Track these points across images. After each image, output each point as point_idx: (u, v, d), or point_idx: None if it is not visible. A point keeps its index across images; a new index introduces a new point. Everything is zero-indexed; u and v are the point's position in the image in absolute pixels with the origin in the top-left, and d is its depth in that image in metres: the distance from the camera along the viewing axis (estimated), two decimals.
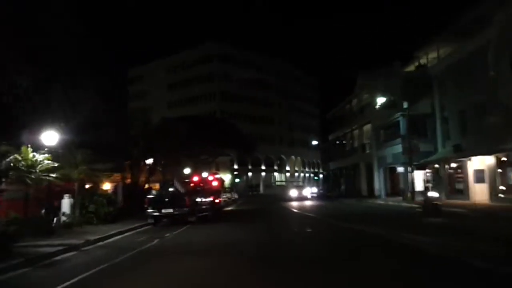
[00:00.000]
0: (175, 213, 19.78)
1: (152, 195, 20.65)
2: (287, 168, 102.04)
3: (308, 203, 42.39)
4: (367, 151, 51.02)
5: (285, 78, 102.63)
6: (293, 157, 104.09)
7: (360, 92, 51.90)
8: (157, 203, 19.93)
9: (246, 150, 61.93)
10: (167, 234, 15.95)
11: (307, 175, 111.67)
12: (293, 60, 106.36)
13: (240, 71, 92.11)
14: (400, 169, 41.55)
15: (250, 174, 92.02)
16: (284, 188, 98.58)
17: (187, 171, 48.18)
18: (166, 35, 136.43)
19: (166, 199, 19.99)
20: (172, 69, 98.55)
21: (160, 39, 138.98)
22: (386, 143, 43.03)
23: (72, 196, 18.99)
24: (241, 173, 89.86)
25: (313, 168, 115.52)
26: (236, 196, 47.67)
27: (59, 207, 18.14)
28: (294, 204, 40.51)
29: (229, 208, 36.46)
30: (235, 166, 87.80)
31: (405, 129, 37.62)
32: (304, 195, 51.61)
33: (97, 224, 19.09)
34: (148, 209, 19.89)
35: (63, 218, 17.98)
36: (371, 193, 48.52)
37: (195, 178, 29.99)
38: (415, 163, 35.91)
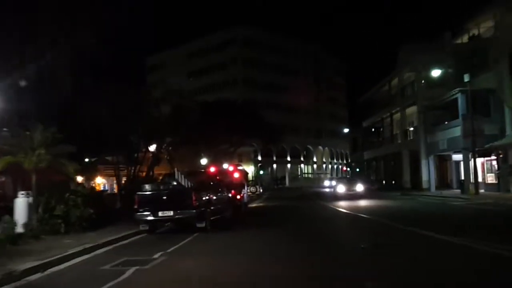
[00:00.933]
0: (177, 216, 13.90)
1: (146, 190, 14.74)
2: (314, 159, 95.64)
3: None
4: (411, 138, 44.43)
5: (312, 63, 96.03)
6: (320, 147, 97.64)
7: (402, 70, 45.23)
8: (152, 202, 14.07)
9: (271, 139, 55.79)
10: (156, 255, 10.01)
11: (335, 166, 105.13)
12: (321, 45, 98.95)
13: (264, 56, 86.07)
14: (457, 157, 34.93)
15: (275, 166, 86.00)
16: (312, 181, 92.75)
17: (204, 162, 42.67)
18: (188, 21, 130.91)
19: (164, 197, 14.09)
20: (192, 56, 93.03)
21: (181, 25, 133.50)
22: (438, 127, 36.43)
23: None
24: (265, 164, 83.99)
25: (341, 160, 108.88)
26: (260, 190, 41.95)
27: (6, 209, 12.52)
28: (331, 200, 34.48)
29: (254, 205, 30.59)
30: (259, 158, 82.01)
31: (465, 107, 31.13)
32: (356, 191, 34.94)
33: (66, 233, 13.38)
34: (138, 210, 14.05)
35: (18, 226, 12.37)
36: (416, 185, 42.00)
37: (212, 169, 24.28)
38: (478, 148, 29.50)
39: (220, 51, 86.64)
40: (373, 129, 58.91)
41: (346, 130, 73.07)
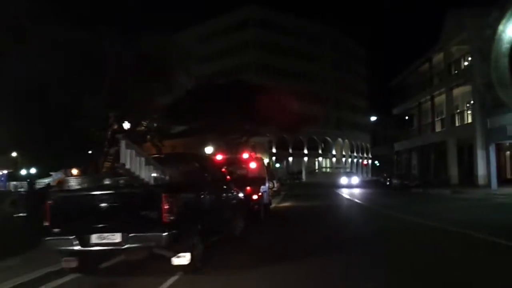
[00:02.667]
0: (127, 245, 6.72)
1: (67, 191, 7.65)
2: (333, 152, 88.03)
3: (385, 198, 29.06)
4: (460, 123, 36.82)
5: (332, 48, 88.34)
6: (340, 139, 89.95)
7: (448, 43, 37.57)
8: (80, 215, 6.92)
9: (290, 129, 48.58)
10: None
11: (355, 160, 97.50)
12: (341, 29, 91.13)
13: (280, 39, 78.66)
14: None
15: (290, 159, 78.68)
16: (330, 175, 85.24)
17: (209, 151, 35.78)
18: (199, 2, 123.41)
19: (105, 204, 6.90)
20: (203, 38, 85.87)
21: (192, 6, 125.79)
22: (504, 108, 28.79)
23: None
24: (281, 157, 76.73)
25: (362, 153, 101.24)
26: (277, 185, 34.88)
27: None
28: (371, 198, 27.34)
29: (274, 205, 23.51)
30: (273, 150, 74.75)
31: None
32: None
33: None
34: (51, 231, 6.88)
35: None
36: (465, 181, 34.51)
37: (219, 157, 17.27)
38: None
39: (234, 33, 79.47)
40: (406, 117, 51.26)
41: (373, 118, 64.65)
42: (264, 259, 8.60)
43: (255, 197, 14.83)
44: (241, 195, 11.71)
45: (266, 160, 57.82)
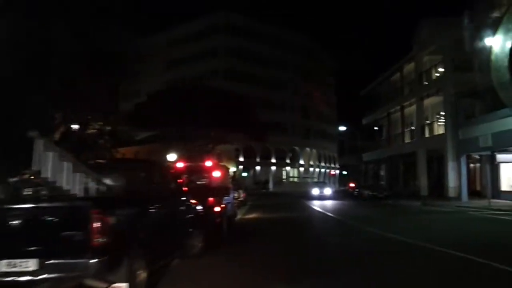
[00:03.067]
0: (45, 275, 5.11)
1: None
2: (301, 161, 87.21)
3: (349, 206, 27.94)
4: (430, 134, 36.23)
5: (302, 57, 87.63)
6: (308, 149, 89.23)
7: (420, 52, 37.08)
8: None
9: (257, 137, 47.34)
10: None
11: (322, 170, 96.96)
12: (312, 38, 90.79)
13: (250, 45, 77.48)
14: (505, 157, 26.86)
15: (258, 168, 77.38)
16: (298, 185, 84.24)
17: (172, 158, 34.15)
18: (167, 7, 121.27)
19: (17, 222, 5.27)
20: (171, 44, 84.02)
21: (160, 11, 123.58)
22: (479, 118, 28.24)
23: None
24: (248, 166, 75.31)
25: (330, 163, 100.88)
26: (243, 195, 33.36)
27: None
28: (339, 210, 26.17)
29: (239, 217, 22.02)
30: (241, 158, 73.28)
31: None
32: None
33: None
34: None
35: None
36: (435, 192, 33.96)
37: (179, 165, 15.85)
38: None
39: (204, 39, 77.86)
40: (375, 127, 50.71)
41: (341, 128, 63.61)
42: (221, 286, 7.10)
43: (217, 209, 13.31)
44: (200, 207, 10.16)
45: (233, 169, 56.33)
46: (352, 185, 54.20)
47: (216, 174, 15.46)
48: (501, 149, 25.89)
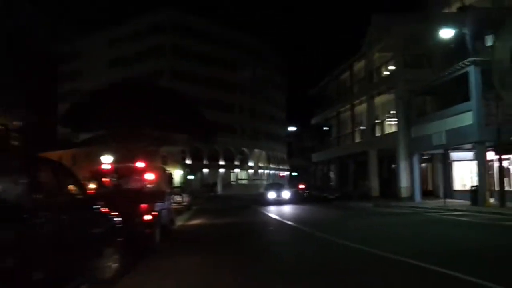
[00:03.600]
0: None
1: None
2: (250, 163, 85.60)
3: (304, 210, 26.33)
4: (381, 133, 35.33)
5: (250, 57, 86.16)
6: (257, 150, 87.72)
7: (371, 49, 36.17)
8: None
9: (205, 138, 45.18)
10: None
11: (272, 172, 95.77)
12: (261, 37, 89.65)
13: (196, 44, 75.11)
14: (459, 155, 26.06)
15: (206, 170, 75.09)
16: (247, 188, 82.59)
17: (108, 160, 31.45)
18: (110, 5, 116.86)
19: None
20: (114, 43, 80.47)
21: (103, 10, 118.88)
22: (431, 116, 27.37)
23: None
24: (195, 169, 72.90)
25: (279, 165, 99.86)
26: (187, 199, 31.18)
27: None
28: (286, 211, 24.45)
29: (181, 222, 19.92)
30: (188, 161, 70.77)
31: (479, 86, 22.31)
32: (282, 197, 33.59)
33: None
34: None
35: None
36: (386, 193, 33.15)
37: (105, 166, 13.73)
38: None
39: (148, 37, 74.83)
40: (325, 127, 49.72)
41: (291, 128, 61.99)
42: None
43: (148, 217, 11.14)
44: (118, 218, 8.00)
45: (179, 172, 53.86)
46: (301, 186, 52.99)
47: (149, 176, 13.26)
48: (455, 146, 25.03)
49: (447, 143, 24.83)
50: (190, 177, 50.57)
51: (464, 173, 26.91)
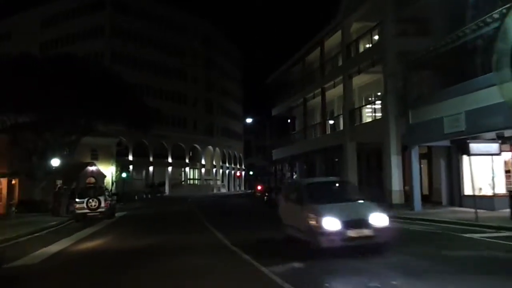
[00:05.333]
0: None
1: None
2: (203, 161, 77.25)
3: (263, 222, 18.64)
4: (361, 121, 28.07)
5: (204, 44, 78.02)
6: (210, 147, 79.50)
7: (347, 19, 28.85)
8: None
9: (140, 125, 36.76)
10: None
11: (227, 171, 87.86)
12: (215, 26, 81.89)
13: (141, 27, 66.28)
14: (482, 148, 18.89)
15: (151, 168, 66.20)
16: (199, 188, 74.34)
17: None
18: None
19: None
20: (47, 23, 70.41)
21: None
22: (440, 93, 20.02)
23: None
24: (139, 166, 64.12)
25: (235, 164, 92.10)
26: (106, 203, 22.64)
27: None
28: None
29: (57, 249, 11.77)
30: (130, 157, 61.86)
31: None
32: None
33: None
34: None
35: None
36: (371, 197, 25.77)
37: None
38: None
39: (86, 16, 65.38)
40: (288, 119, 42.30)
41: (248, 120, 53.16)
42: None
43: None
44: None
45: (111, 169, 45.14)
46: (259, 187, 45.85)
47: None
48: (478, 133, 17.85)
49: (467, 129, 17.62)
50: (123, 175, 41.91)
51: (480, 171, 19.82)
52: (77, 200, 22.59)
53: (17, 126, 33.01)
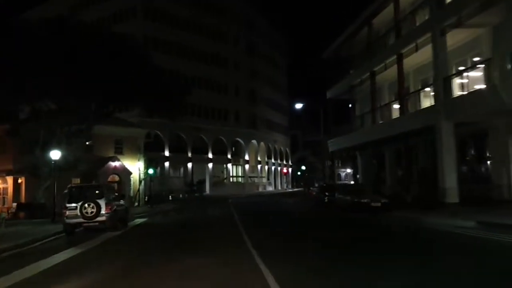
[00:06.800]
0: None
1: None
2: (246, 157, 70.40)
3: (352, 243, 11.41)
4: (462, 91, 20.23)
5: (246, 29, 71.20)
6: (254, 141, 72.58)
7: None
8: None
9: (163, 108, 30.14)
10: None
11: (272, 168, 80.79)
12: (259, 11, 75.32)
13: (179, 8, 59.98)
14: None
15: (190, 165, 59.82)
16: (243, 187, 67.74)
17: None
18: None
19: None
20: (79, 3, 65.23)
21: None
22: None
23: None
24: (176, 162, 58.05)
25: (281, 159, 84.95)
26: (112, 208, 15.95)
27: None
28: None
29: None
30: (166, 153, 55.86)
31: None
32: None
33: None
34: None
35: None
36: (473, 196, 18.35)
37: None
38: None
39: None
40: (348, 104, 34.77)
41: (298, 106, 45.25)
42: None
43: None
44: None
45: (139, 165, 38.66)
46: (314, 188, 41.05)
47: None
48: None
49: None
50: (151, 171, 35.49)
51: None
52: (67, 204, 16.03)
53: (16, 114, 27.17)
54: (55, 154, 21.64)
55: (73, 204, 15.89)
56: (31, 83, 22.57)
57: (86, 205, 15.77)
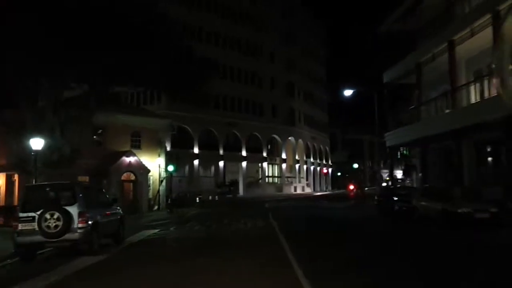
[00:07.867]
0: None
1: None
2: (283, 156, 64.30)
3: None
4: None
5: (283, 17, 65.13)
6: (292, 139, 66.47)
7: None
8: None
9: (191, 82, 24.48)
10: None
11: (311, 168, 74.55)
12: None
13: None
14: None
15: (221, 163, 54.22)
16: (280, 188, 62.00)
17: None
18: None
19: None
20: None
21: None
22: None
23: None
24: (207, 160, 52.67)
25: (320, 159, 78.66)
26: (86, 220, 10.34)
27: None
28: None
29: None
30: (196, 150, 50.59)
31: None
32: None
33: None
34: None
35: None
36: None
37: None
38: None
39: None
40: (417, 90, 28.39)
41: (348, 92, 38.09)
42: None
43: None
44: None
45: (159, 161, 33.03)
46: (351, 187, 40.04)
47: None
48: None
49: None
50: (171, 168, 29.87)
51: None
52: (20, 215, 10.50)
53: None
54: (36, 143, 16.30)
55: (30, 214, 10.36)
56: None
57: (47, 215, 10.19)
